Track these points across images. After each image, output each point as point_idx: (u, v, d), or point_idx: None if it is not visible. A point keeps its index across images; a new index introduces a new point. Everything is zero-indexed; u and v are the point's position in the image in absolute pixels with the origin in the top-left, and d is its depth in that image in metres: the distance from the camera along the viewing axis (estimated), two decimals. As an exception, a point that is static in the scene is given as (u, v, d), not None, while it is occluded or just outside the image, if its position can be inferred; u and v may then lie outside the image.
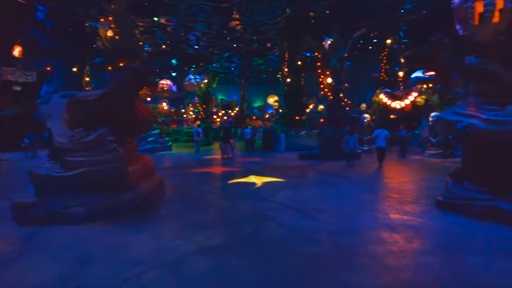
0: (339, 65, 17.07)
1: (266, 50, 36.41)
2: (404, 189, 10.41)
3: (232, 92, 53.07)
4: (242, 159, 19.18)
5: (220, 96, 53.64)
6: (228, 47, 36.39)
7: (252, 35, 31.96)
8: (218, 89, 53.54)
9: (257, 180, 12.09)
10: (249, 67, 44.96)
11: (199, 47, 36.62)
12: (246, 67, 44.76)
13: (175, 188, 10.74)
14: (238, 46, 35.68)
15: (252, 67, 45.09)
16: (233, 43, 34.99)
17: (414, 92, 20.00)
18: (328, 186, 10.81)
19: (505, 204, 6.97)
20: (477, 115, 7.59)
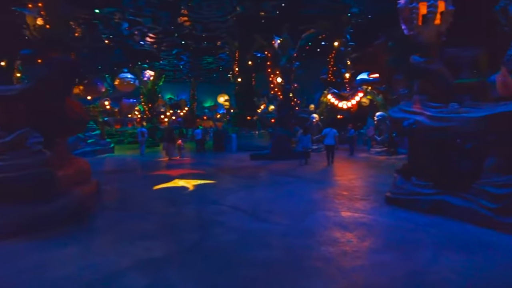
0: (289, 65, 17.02)
1: (216, 48, 35.74)
2: (353, 186, 10.46)
3: (181, 91, 51.64)
4: (192, 160, 18.45)
5: (168, 95, 51.99)
6: (176, 44, 35.17)
7: (201, 32, 31.13)
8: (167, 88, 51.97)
9: (207, 182, 11.53)
10: (199, 65, 43.94)
11: (144, 43, 35.01)
12: (196, 65, 43.70)
13: (114, 194, 9.86)
14: (186, 43, 34.60)
15: (202, 65, 44.11)
16: (181, 40, 33.86)
17: (360, 93, 20.63)
18: (279, 186, 10.55)
19: (451, 198, 7.12)
20: (422, 112, 7.71)
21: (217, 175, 12.85)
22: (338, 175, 12.46)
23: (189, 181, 11.69)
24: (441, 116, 7.33)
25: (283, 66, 17.04)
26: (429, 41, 8.17)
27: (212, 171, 13.80)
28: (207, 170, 14.08)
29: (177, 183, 11.32)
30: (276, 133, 17.05)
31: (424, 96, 8.13)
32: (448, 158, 7.47)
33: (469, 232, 6.11)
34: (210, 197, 9.27)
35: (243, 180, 11.72)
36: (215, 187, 10.66)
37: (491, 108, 6.80)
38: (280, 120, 17.25)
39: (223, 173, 13.36)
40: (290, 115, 17.40)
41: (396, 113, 8.33)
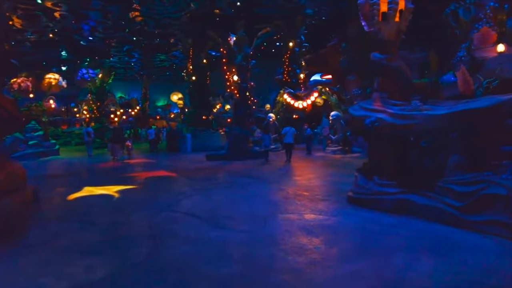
0: (245, 63, 16.43)
1: (170, 45, 34.28)
2: (313, 185, 10.09)
3: (133, 89, 49.17)
4: (144, 161, 17.22)
5: (119, 93, 49.28)
6: (127, 40, 33.23)
7: (153, 28, 29.62)
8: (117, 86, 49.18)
9: (159, 185, 10.59)
10: (151, 63, 42.03)
11: (93, 38, 32.69)
12: (148, 63, 41.74)
13: (54, 202, 8.63)
14: (138, 39, 32.81)
15: (155, 63, 42.26)
16: (132, 36, 32.04)
17: (315, 93, 20.60)
18: (238, 188, 9.89)
19: (416, 197, 6.91)
20: (384, 110, 7.45)
21: (170, 178, 11.91)
22: (297, 175, 12.06)
23: (139, 184, 10.66)
24: (403, 113, 7.10)
25: (239, 64, 16.40)
26: (389, 38, 7.94)
27: (165, 173, 12.82)
28: (159, 172, 13.07)
29: (126, 187, 10.24)
30: (232, 132, 16.37)
31: (384, 94, 7.90)
32: (411, 156, 7.26)
33: (436, 232, 5.87)
34: (162, 202, 8.38)
35: (199, 182, 10.91)
36: (168, 191, 9.76)
37: (452, 106, 6.66)
38: (236, 119, 16.60)
39: (177, 175, 12.43)
40: (247, 114, 16.82)
41: (357, 111, 8.02)
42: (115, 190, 9.81)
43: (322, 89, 20.62)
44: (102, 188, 10.09)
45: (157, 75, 48.19)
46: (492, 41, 11.00)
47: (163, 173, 12.97)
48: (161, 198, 8.89)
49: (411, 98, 7.94)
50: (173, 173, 12.79)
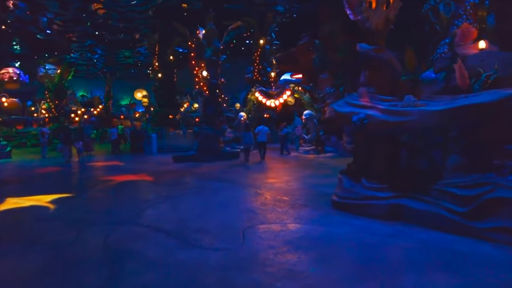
0: (215, 57, 15.27)
1: (135, 41, 32.31)
2: (292, 189, 9.19)
3: (96, 88, 46.40)
4: (104, 164, 15.63)
5: (81, 92, 46.36)
6: (89, 35, 30.92)
7: (117, 22, 27.67)
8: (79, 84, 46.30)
9: (119, 192, 9.26)
10: (115, 59, 39.68)
11: (51, 31, 30.13)
12: (112, 59, 39.36)
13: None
14: (101, 34, 30.62)
15: (119, 60, 39.93)
16: (94, 30, 29.82)
17: (288, 91, 19.82)
18: (209, 194, 8.78)
19: (410, 202, 6.17)
20: (373, 106, 6.66)
21: (132, 183, 10.58)
22: (273, 177, 11.12)
23: (96, 192, 9.28)
24: (396, 109, 6.33)
25: (209, 59, 15.21)
26: (377, 27, 7.19)
27: (126, 178, 11.45)
28: (120, 177, 11.68)
29: (80, 195, 8.84)
30: (202, 132, 15.18)
31: (372, 88, 7.12)
32: (404, 157, 6.51)
33: (440, 242, 5.12)
34: (122, 213, 7.12)
35: (165, 188, 9.68)
36: (129, 199, 8.49)
37: (450, 101, 5.97)
38: (206, 117, 15.41)
39: (140, 179, 11.12)
40: (218, 113, 15.68)
41: (342, 108, 7.19)
42: (66, 198, 8.39)
43: (295, 88, 19.86)
44: (41, 197, 8.62)
45: (121, 73, 45.77)
46: (472, 38, 10.61)
47: (124, 177, 11.57)
48: (121, 208, 7.62)
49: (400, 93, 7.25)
50: (135, 177, 11.45)
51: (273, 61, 25.54)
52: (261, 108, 21.91)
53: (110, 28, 29.18)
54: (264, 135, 15.55)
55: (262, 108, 21.86)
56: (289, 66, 29.54)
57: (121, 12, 25.89)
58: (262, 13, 24.20)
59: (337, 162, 14.40)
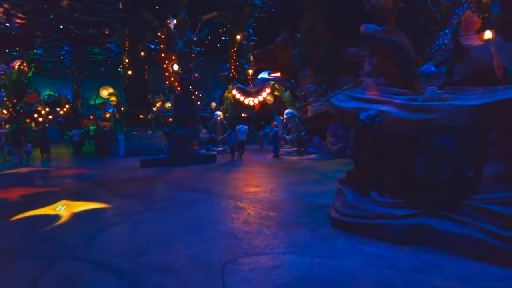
0: (187, 50, 13.43)
1: (103, 36, 29.78)
2: (279, 200, 7.63)
3: (63, 86, 43.07)
4: (59, 170, 13.50)
5: (47, 91, 43.02)
6: (53, 29, 28.10)
7: (83, 15, 25.17)
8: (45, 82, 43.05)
9: (67, 209, 7.36)
10: (84, 56, 36.80)
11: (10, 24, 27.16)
12: (80, 56, 36.46)
13: None
14: (66, 28, 27.91)
15: (87, 57, 37.07)
16: (59, 23, 27.09)
17: (267, 88, 18.27)
18: (179, 209, 7.04)
19: (434, 221, 4.79)
20: (386, 100, 5.19)
21: (88, 194, 8.65)
22: (256, 185, 9.51)
23: (37, 210, 7.33)
24: (418, 105, 4.88)
25: (180, 51, 13.36)
26: (385, 5, 5.70)
27: (83, 188, 9.51)
28: (75, 187, 9.73)
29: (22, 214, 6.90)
30: (173, 133, 13.33)
31: (381, 79, 5.65)
32: (422, 164, 5.06)
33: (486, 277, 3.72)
34: (65, 240, 5.33)
35: (126, 201, 7.85)
36: (79, 219, 6.64)
37: (488, 94, 4.57)
38: (178, 116, 13.55)
39: (98, 190, 9.20)
40: (191, 111, 13.86)
41: (345, 103, 5.68)
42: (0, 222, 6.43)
43: (275, 85, 18.33)
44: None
45: (90, 71, 42.67)
46: (475, 28, 9.42)
47: (79, 187, 9.63)
48: (65, 231, 5.81)
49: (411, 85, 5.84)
50: (93, 187, 9.53)
51: (251, 58, 23.91)
52: (239, 107, 20.24)
53: (76, 22, 26.61)
54: (243, 134, 15.26)
55: (240, 107, 20.20)
56: (267, 64, 28.05)
57: (87, 3, 23.48)
58: (239, 7, 22.51)
59: (324, 165, 13.01)
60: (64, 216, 6.81)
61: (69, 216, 6.78)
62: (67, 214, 6.94)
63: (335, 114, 5.96)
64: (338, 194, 6.22)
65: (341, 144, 15.41)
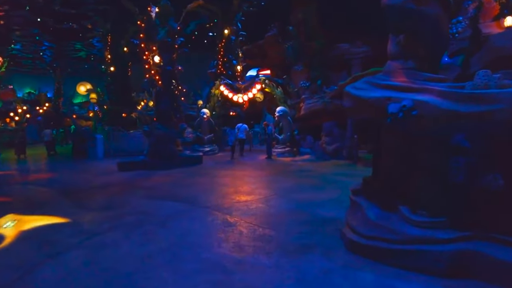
0: (170, 39, 11.88)
1: (85, 31, 27.84)
2: (276, 213, 6.26)
3: (44, 84, 40.70)
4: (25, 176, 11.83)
5: (28, 89, 40.59)
6: (29, 22, 26.02)
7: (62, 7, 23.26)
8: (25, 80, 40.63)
9: (15, 227, 5.82)
10: (65, 53, 34.63)
11: (-17, 17, 24.99)
12: (61, 52, 34.27)
13: None
14: (44, 21, 25.88)
15: (69, 53, 34.92)
16: (36, 16, 25.05)
17: (258, 84, 16.86)
18: (154, 228, 5.56)
19: (490, 248, 3.52)
20: (424, 88, 3.88)
21: (47, 206, 7.10)
22: (247, 191, 8.11)
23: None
24: (469, 93, 3.56)
25: (162, 40, 11.82)
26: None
27: (42, 197, 7.93)
28: (34, 195, 8.13)
29: None
30: (154, 132, 11.81)
31: (410, 62, 4.34)
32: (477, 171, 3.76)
33: None
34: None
35: (91, 215, 6.34)
36: (25, 240, 5.13)
37: None
38: (159, 114, 12.02)
39: (60, 199, 7.65)
40: (174, 108, 12.34)
41: (367, 91, 4.35)
42: None
43: (266, 81, 16.95)
44: None
45: (73, 68, 40.41)
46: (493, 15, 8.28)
47: (44, 195, 8.06)
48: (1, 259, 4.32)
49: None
50: (54, 196, 7.97)
51: (239, 54, 22.45)
52: (227, 104, 18.79)
53: (55, 15, 24.65)
54: (242, 132, 15.03)
55: (228, 104, 18.75)
56: (256, 61, 26.61)
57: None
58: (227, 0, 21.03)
59: (320, 168, 11.72)
60: (7, 236, 5.29)
61: (13, 237, 5.27)
62: (11, 233, 5.41)
63: (352, 106, 4.60)
64: (353, 207, 4.91)
65: (337, 144, 14.17)
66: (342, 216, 5.30)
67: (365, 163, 12.53)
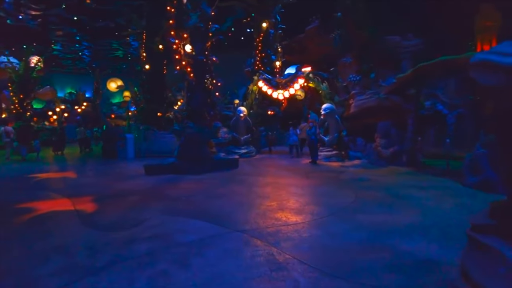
0: (203, 26, 10.32)
1: (120, 29, 27.40)
2: (339, 247, 4.39)
3: (85, 85, 41.45)
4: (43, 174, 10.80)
5: (69, 89, 41.49)
6: (66, 20, 25.97)
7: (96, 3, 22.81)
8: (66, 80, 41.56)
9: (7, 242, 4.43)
10: (103, 52, 34.74)
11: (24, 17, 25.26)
12: (99, 52, 34.42)
13: None
14: (80, 20, 25.71)
15: (107, 53, 34.99)
16: (72, 14, 24.89)
17: (300, 79, 14.92)
18: (168, 266, 3.90)
19: None
20: None
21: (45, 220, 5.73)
22: (295, 209, 6.26)
23: None
24: None
25: (194, 26, 10.28)
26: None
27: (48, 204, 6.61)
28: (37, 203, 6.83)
29: None
30: (184, 132, 10.33)
31: None
32: None
33: None
34: None
35: (93, 239, 4.82)
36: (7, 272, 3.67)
37: None
38: (191, 111, 10.52)
39: (64, 211, 6.26)
40: (207, 104, 10.79)
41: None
42: None
43: (310, 75, 15.00)
44: None
45: (111, 68, 40.76)
46: None
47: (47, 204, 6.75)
48: None
49: None
50: (56, 205, 6.63)
51: (279, 48, 20.66)
52: (265, 102, 17.07)
53: (90, 12, 24.32)
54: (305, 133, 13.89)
55: (266, 102, 17.02)
56: (294, 57, 24.66)
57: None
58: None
59: (378, 176, 9.64)
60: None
61: None
62: None
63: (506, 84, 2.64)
64: (481, 254, 2.97)
65: (395, 148, 11.96)
66: (444, 257, 3.46)
67: (432, 171, 10.30)
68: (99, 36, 29.47)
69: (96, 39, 30.69)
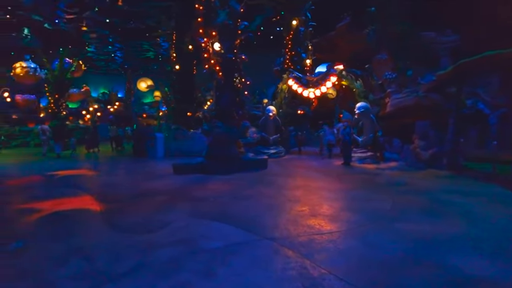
0: (231, 23, 10.05)
1: (151, 30, 27.92)
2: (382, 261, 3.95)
3: (117, 85, 42.77)
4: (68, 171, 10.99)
5: (102, 89, 42.96)
6: (98, 23, 26.76)
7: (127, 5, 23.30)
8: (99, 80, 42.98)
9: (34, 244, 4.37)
10: (134, 53, 35.60)
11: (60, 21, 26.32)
12: (130, 53, 35.31)
13: None
14: (112, 22, 26.42)
15: (138, 54, 35.84)
16: (105, 17, 25.60)
17: (333, 76, 14.31)
18: (196, 279, 3.61)
19: None
20: None
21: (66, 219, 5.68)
22: (329, 215, 5.82)
23: None
24: None
25: (223, 24, 10.05)
26: None
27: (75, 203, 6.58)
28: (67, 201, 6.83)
29: None
30: (213, 131, 10.16)
31: None
32: None
33: None
34: None
35: (114, 241, 4.66)
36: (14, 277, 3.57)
37: None
38: (219, 110, 10.34)
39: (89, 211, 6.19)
40: (235, 103, 10.54)
41: None
42: None
43: (343, 72, 14.39)
44: None
45: (143, 69, 41.74)
46: None
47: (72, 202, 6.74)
48: None
49: None
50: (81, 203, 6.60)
51: (309, 46, 20.12)
52: (294, 103, 16.61)
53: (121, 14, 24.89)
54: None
55: (296, 101, 16.56)
56: (324, 55, 23.96)
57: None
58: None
59: (418, 180, 8.97)
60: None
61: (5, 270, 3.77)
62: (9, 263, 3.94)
63: None
64: None
65: (434, 150, 11.16)
66: (500, 275, 2.93)
67: (475, 175, 9.49)
68: (130, 37, 30.17)
69: (128, 41, 31.46)
